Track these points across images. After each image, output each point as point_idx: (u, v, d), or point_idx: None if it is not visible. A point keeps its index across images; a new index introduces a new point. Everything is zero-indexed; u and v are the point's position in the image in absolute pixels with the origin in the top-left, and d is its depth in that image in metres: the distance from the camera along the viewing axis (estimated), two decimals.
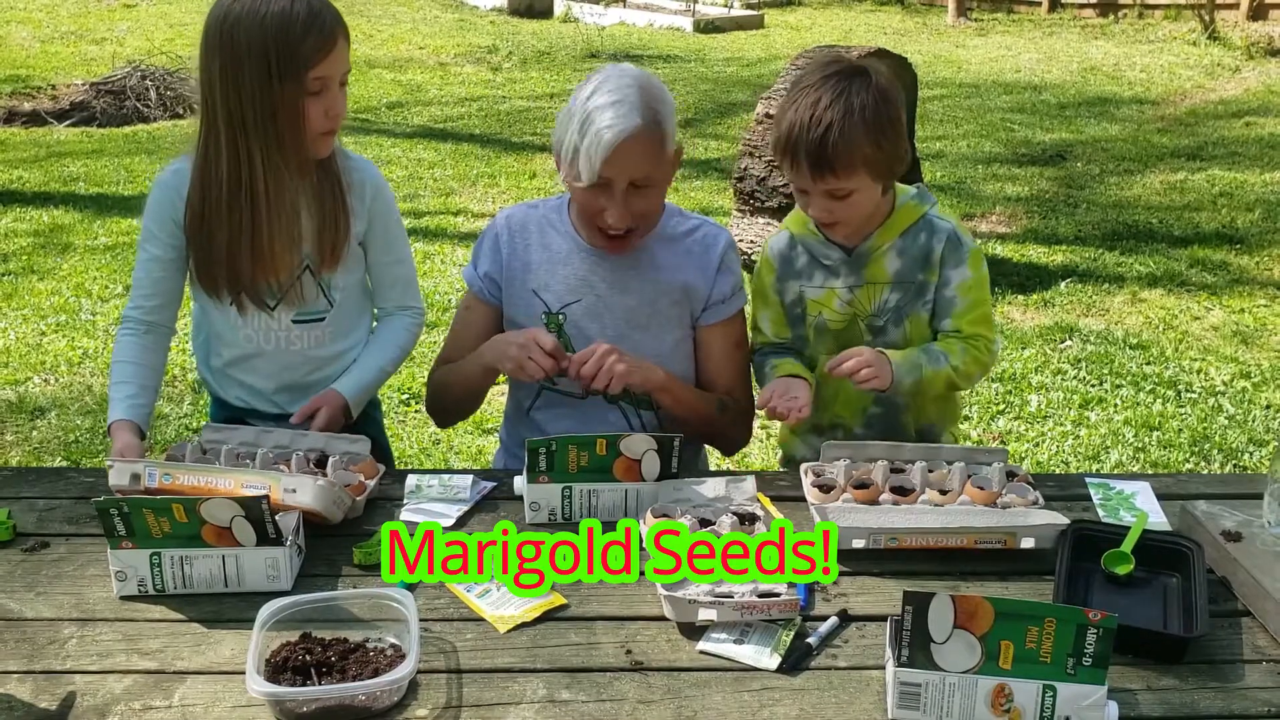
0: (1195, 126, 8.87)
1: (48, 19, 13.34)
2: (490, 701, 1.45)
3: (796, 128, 1.96)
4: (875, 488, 1.91)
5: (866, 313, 2.14)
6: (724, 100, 9.80)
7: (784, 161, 2.04)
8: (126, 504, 1.61)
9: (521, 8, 14.98)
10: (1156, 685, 1.49)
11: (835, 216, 2.05)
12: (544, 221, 2.20)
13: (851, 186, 1.99)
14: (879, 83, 2.00)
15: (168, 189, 2.13)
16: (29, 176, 7.34)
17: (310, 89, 2.01)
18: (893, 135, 1.99)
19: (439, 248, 5.97)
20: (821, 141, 1.94)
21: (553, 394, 2.17)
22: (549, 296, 2.15)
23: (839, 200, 2.01)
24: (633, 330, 2.13)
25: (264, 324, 2.18)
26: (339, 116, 2.07)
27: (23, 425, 4.09)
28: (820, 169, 1.96)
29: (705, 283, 2.15)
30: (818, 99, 1.96)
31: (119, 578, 1.65)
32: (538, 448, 1.85)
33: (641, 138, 1.94)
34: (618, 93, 1.95)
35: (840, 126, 1.93)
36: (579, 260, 2.15)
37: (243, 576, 1.66)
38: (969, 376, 2.12)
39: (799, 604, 1.61)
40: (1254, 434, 4.09)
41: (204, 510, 1.61)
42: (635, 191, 2.00)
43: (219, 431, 2.07)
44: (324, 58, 2.01)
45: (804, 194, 2.05)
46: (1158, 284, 5.57)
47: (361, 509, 1.89)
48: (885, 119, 1.97)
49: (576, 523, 1.88)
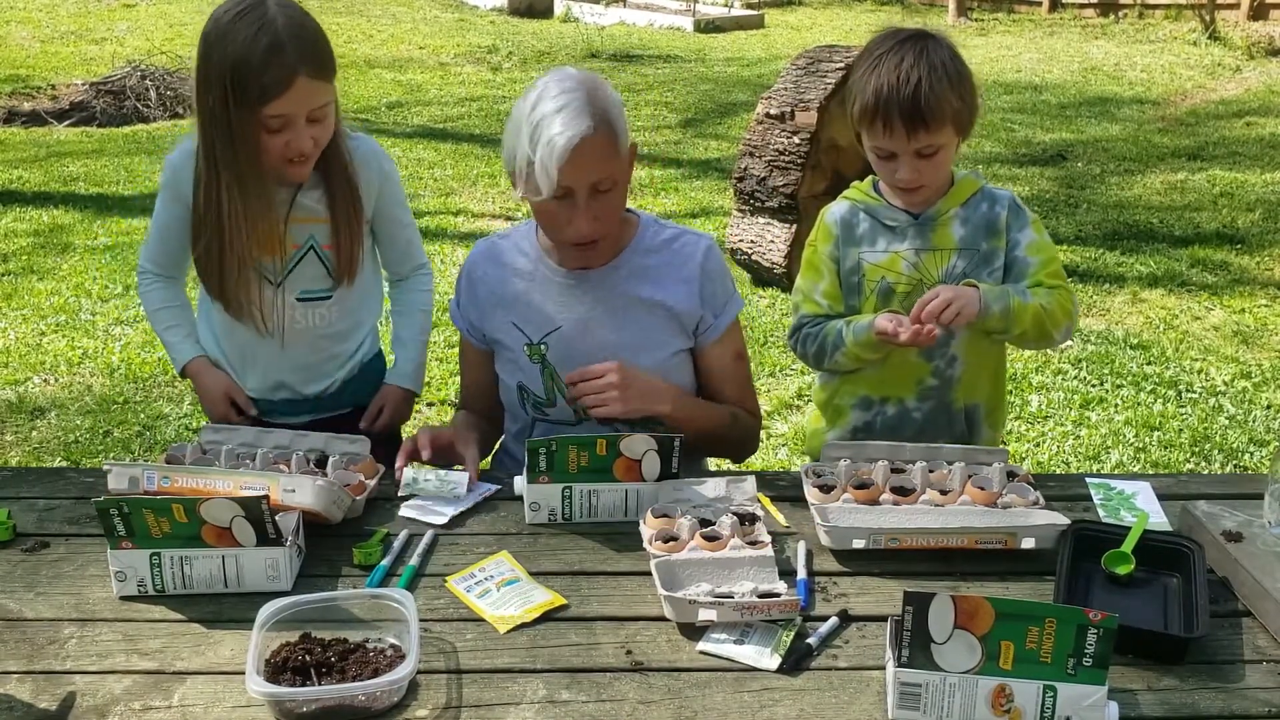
0: (1196, 126, 8.87)
1: (48, 19, 13.34)
2: (490, 702, 1.44)
3: (886, 88, 2.01)
4: (876, 488, 1.91)
5: (934, 279, 2.14)
6: (724, 100, 9.80)
7: (872, 126, 2.06)
8: (126, 504, 1.61)
9: (521, 8, 14.98)
10: (1157, 685, 1.49)
11: (923, 177, 2.08)
12: (515, 250, 2.15)
13: (940, 142, 2.04)
14: (948, 42, 2.08)
15: (178, 171, 2.14)
16: (29, 176, 7.34)
17: (268, 125, 1.97)
18: (971, 88, 2.06)
19: (439, 248, 5.97)
20: (914, 97, 1.98)
21: (545, 425, 2.15)
22: (529, 328, 2.11)
23: (926, 159, 2.05)
24: (622, 351, 2.04)
25: (268, 301, 2.18)
26: (304, 152, 2.01)
27: (23, 425, 4.09)
28: (914, 125, 2.00)
29: (691, 300, 2.09)
30: (900, 59, 2.02)
31: (119, 578, 1.65)
32: (538, 448, 1.85)
33: (594, 139, 1.88)
34: (562, 97, 1.88)
35: (929, 81, 1.99)
36: (555, 287, 2.10)
37: (243, 577, 1.66)
38: (1056, 319, 2.08)
39: (799, 605, 1.60)
40: (1254, 434, 4.09)
41: (204, 510, 1.61)
42: (597, 196, 1.94)
43: (218, 432, 2.06)
44: (278, 95, 1.94)
45: (890, 159, 2.07)
46: (1158, 284, 5.57)
47: (361, 509, 1.89)
48: (963, 73, 2.06)
49: (577, 523, 1.88)
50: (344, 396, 2.32)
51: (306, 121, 1.99)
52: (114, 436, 4.01)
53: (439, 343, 4.69)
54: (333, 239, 2.17)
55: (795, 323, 2.23)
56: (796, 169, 5.21)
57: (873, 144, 2.09)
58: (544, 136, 1.85)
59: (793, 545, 1.80)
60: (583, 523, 1.89)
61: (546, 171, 1.86)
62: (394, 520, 1.89)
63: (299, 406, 2.30)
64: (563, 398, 2.10)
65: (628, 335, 2.08)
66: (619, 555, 1.79)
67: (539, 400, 2.13)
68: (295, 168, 2.05)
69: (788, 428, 4.12)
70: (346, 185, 2.16)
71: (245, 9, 1.95)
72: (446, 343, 4.67)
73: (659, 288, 2.08)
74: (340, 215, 2.16)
